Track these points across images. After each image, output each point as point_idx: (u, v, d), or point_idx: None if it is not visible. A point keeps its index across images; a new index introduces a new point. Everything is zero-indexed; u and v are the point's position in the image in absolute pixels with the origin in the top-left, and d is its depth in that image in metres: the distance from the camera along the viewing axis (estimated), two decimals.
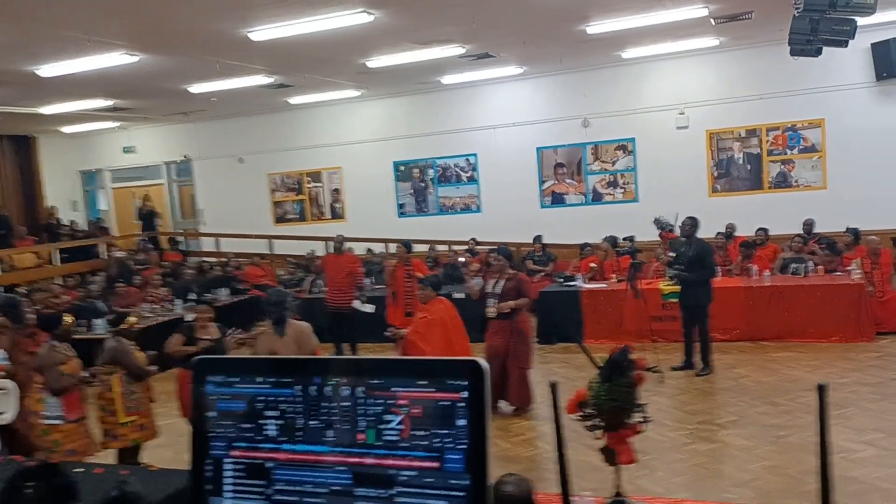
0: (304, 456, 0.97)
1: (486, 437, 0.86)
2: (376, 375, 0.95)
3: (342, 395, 0.96)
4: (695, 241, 7.87)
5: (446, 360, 0.93)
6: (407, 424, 0.92)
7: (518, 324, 6.84)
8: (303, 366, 1.00)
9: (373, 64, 10.56)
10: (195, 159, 16.47)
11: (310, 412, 0.97)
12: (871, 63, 11.41)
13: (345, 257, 9.78)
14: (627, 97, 12.90)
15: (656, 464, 5.44)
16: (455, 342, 5.89)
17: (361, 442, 0.95)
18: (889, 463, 5.11)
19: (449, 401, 0.90)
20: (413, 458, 0.91)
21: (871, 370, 7.36)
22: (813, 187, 12.03)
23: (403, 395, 0.93)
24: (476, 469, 0.88)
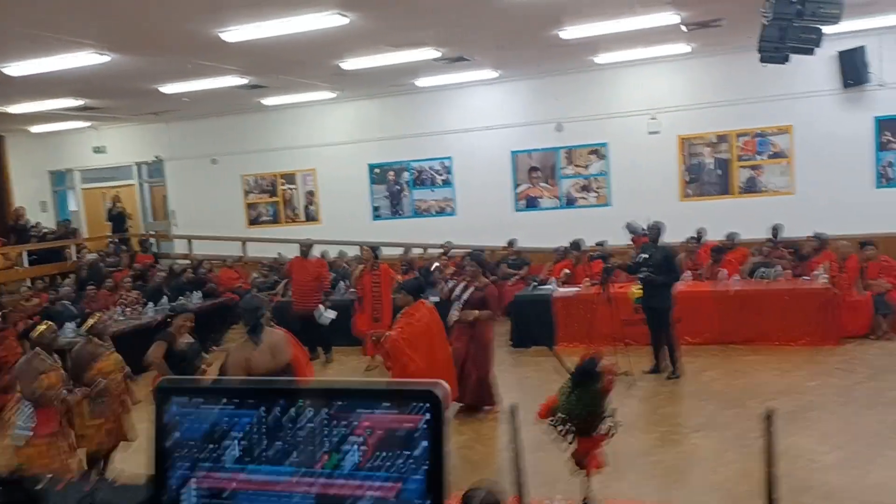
0: (266, 479, 0.97)
1: (446, 461, 0.88)
2: (339, 399, 0.96)
3: (304, 419, 0.97)
4: (660, 246, 7.99)
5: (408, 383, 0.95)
6: (368, 449, 0.93)
7: (479, 332, 6.88)
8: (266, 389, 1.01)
9: (347, 66, 10.54)
10: (167, 160, 16.28)
11: (273, 435, 0.98)
12: (838, 71, 11.63)
13: (312, 262, 9.73)
14: (600, 102, 13.01)
15: (626, 469, 5.49)
16: (437, 349, 5.89)
17: (323, 466, 0.95)
18: (853, 467, 5.21)
19: (411, 424, 0.92)
20: (373, 482, 0.92)
21: (837, 374, 7.51)
22: (781, 192, 12.23)
23: (366, 419, 0.94)
24: (436, 492, 0.89)
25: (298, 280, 9.65)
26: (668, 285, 7.95)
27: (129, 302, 10.61)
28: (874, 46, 11.38)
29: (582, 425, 3.90)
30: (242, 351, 4.92)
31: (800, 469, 5.26)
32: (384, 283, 9.26)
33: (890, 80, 11.46)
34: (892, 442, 5.59)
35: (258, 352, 4.80)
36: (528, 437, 6.38)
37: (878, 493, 4.79)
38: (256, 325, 4.89)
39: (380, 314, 9.20)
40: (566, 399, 3.89)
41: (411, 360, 5.69)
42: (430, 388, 0.92)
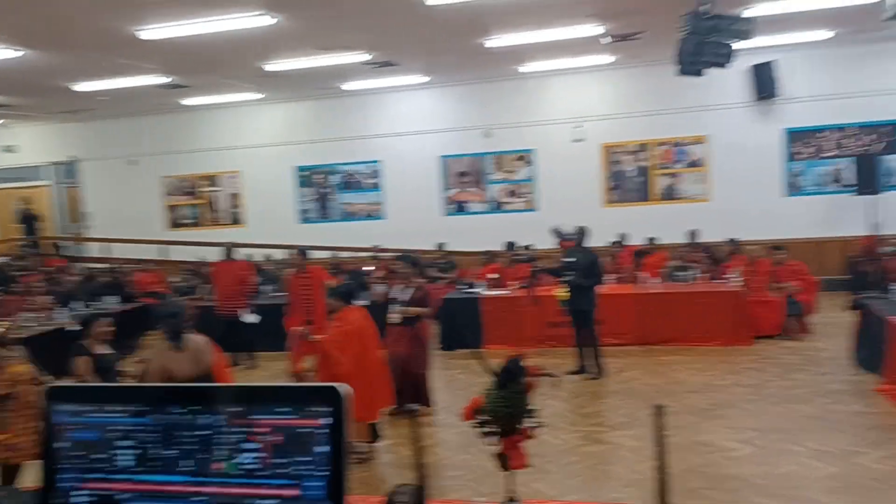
0: (158, 487, 0.94)
1: (346, 463, 0.87)
2: (235, 403, 0.93)
3: (200, 423, 0.94)
4: (584, 250, 8.19)
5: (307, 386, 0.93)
6: (267, 452, 0.91)
7: (417, 330, 6.98)
8: (159, 393, 0.97)
9: (274, 67, 10.39)
10: (83, 160, 15.64)
11: (166, 441, 0.95)
12: (750, 84, 12.21)
13: (236, 264, 9.53)
14: (528, 109, 13.25)
15: (550, 467, 5.59)
16: (369, 353, 5.85)
17: (219, 471, 0.93)
18: (764, 460, 5.45)
19: (310, 427, 0.90)
20: (272, 486, 0.91)
21: (749, 372, 7.85)
22: (697, 199, 12.73)
23: (263, 422, 0.92)
24: (336, 494, 0.88)
25: (222, 283, 9.42)
26: (591, 287, 8.15)
27: (39, 307, 10.11)
28: (784, 61, 12.00)
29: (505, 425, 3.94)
30: (163, 357, 4.75)
31: (714, 462, 5.48)
32: (315, 285, 9.15)
33: (799, 94, 12.11)
34: (799, 436, 5.88)
35: (180, 358, 4.65)
36: (455, 437, 6.44)
37: (786, 483, 5.03)
38: (177, 331, 4.73)
39: (312, 316, 9.10)
40: (490, 400, 3.92)
41: (338, 363, 5.63)
42: (331, 389, 0.90)
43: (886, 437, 5.73)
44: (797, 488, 4.94)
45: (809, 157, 12.30)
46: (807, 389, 7.10)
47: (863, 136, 12.03)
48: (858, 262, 11.09)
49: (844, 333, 8.60)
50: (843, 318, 9.02)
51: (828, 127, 12.14)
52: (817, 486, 4.95)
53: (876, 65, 11.78)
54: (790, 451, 5.60)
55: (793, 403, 6.70)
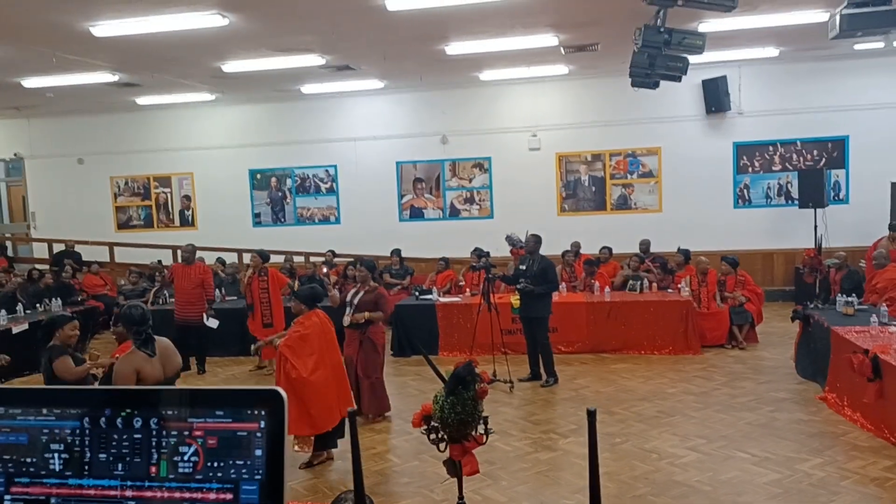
0: (90, 491, 0.91)
1: (283, 467, 0.86)
2: (170, 406, 0.91)
3: (134, 426, 0.91)
4: (538, 257, 8.25)
5: (244, 389, 0.92)
6: (202, 456, 0.89)
7: (370, 334, 6.96)
8: (92, 397, 0.94)
9: (228, 68, 10.23)
10: (28, 158, 15.15)
11: (98, 445, 0.92)
12: (702, 98, 12.50)
13: (195, 268, 9.35)
14: (484, 117, 13.32)
15: (501, 473, 5.60)
16: (328, 357, 5.78)
17: (153, 475, 0.91)
18: (710, 467, 5.55)
19: (246, 431, 0.89)
20: (207, 490, 0.89)
21: (696, 380, 8.00)
22: (650, 210, 12.96)
23: (199, 426, 0.90)
24: (272, 499, 0.87)
25: (181, 288, 9.23)
26: (545, 295, 8.21)
27: None
28: (734, 77, 12.32)
29: (455, 431, 3.93)
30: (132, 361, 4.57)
31: (662, 469, 5.56)
32: (273, 287, 9.09)
33: (748, 109, 12.44)
34: (743, 443, 6.01)
35: (153, 362, 4.50)
36: (406, 444, 6.41)
37: (730, 489, 5.13)
38: (148, 336, 4.55)
39: (270, 319, 9.04)
40: (439, 406, 3.91)
41: (293, 367, 5.58)
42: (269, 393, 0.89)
43: (827, 445, 5.89)
44: (740, 494, 5.04)
45: (757, 170, 12.63)
46: (752, 398, 7.26)
47: (808, 151, 12.41)
48: (804, 274, 11.42)
49: (789, 343, 8.84)
50: (789, 328, 9.27)
51: (775, 141, 12.49)
52: (759, 492, 5.06)
53: (822, 82, 12.17)
54: (734, 457, 5.72)
55: (738, 411, 6.84)
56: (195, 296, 9.14)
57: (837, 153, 12.33)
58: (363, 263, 7.31)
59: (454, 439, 4.10)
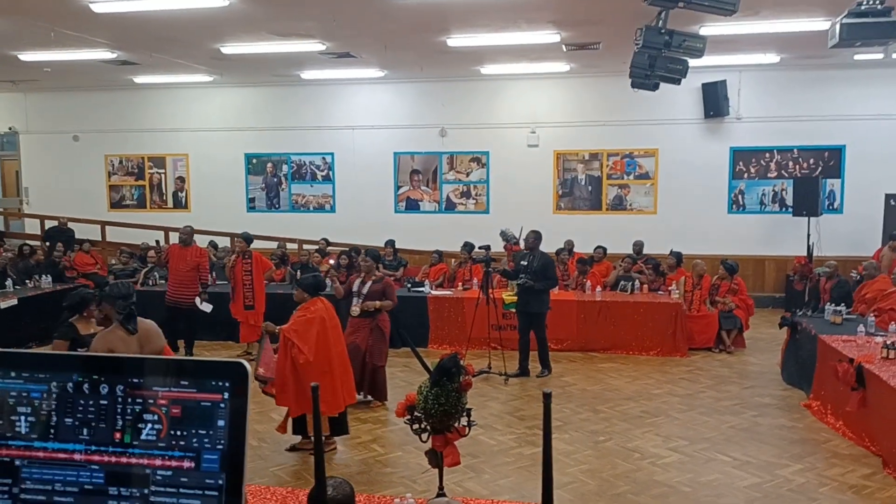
0: (55, 454, 0.92)
1: (245, 438, 0.86)
2: (136, 374, 0.92)
3: (100, 392, 0.92)
4: (538, 254, 8.30)
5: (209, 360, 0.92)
6: (165, 424, 0.90)
7: (378, 322, 7.12)
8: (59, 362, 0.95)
9: (228, 50, 10.18)
10: (22, 133, 15.07)
11: (65, 410, 0.93)
12: (701, 101, 12.50)
13: (191, 250, 9.33)
14: (484, 111, 13.29)
15: (484, 466, 5.62)
16: (332, 344, 5.78)
17: (118, 441, 0.91)
18: (691, 468, 5.58)
19: (209, 402, 0.89)
20: (169, 457, 0.90)
21: (682, 383, 8.03)
22: (645, 211, 12.98)
23: (164, 394, 0.90)
24: (232, 468, 0.88)
25: (175, 269, 9.22)
26: (545, 291, 8.30)
27: None
28: (734, 81, 12.33)
29: (437, 423, 3.95)
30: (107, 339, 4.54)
31: (643, 468, 5.59)
32: (256, 271, 9.09)
33: (746, 114, 12.45)
34: (725, 447, 6.04)
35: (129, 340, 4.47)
36: (390, 434, 6.42)
37: (710, 491, 5.16)
38: (130, 313, 4.52)
39: (252, 301, 9.05)
40: (423, 397, 3.92)
41: (300, 353, 5.57)
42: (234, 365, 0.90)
43: (808, 451, 5.93)
44: (720, 496, 5.07)
45: (752, 176, 12.65)
46: (736, 402, 7.30)
47: (805, 159, 12.44)
48: (794, 282, 11.46)
49: (776, 349, 8.88)
50: (776, 335, 9.31)
51: (771, 148, 12.51)
52: (739, 495, 5.09)
53: (821, 91, 12.19)
54: (716, 460, 5.75)
55: (722, 415, 6.88)
56: (189, 278, 9.11)
57: (833, 162, 12.36)
58: (368, 254, 7.46)
59: (437, 430, 4.12)
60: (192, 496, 0.89)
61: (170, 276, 9.41)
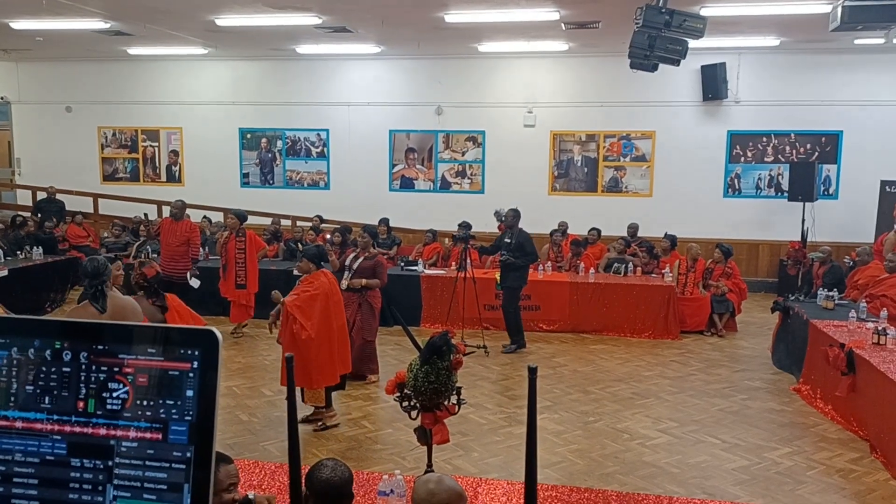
0: (15, 423, 0.88)
1: (215, 409, 0.83)
2: (102, 341, 0.88)
3: (63, 359, 0.88)
4: (517, 231, 8.47)
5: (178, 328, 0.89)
6: (131, 393, 0.86)
7: (368, 298, 7.17)
8: (21, 326, 0.91)
9: (222, 22, 10.04)
10: (14, 102, 14.89)
11: (26, 376, 0.89)
12: (699, 84, 12.41)
13: (182, 224, 9.26)
14: (480, 90, 13.18)
15: (473, 445, 5.63)
16: (333, 318, 5.79)
17: (81, 410, 0.88)
18: (679, 450, 5.60)
19: (178, 370, 0.86)
20: (135, 428, 0.87)
21: (673, 365, 8.05)
22: (640, 194, 12.93)
23: (130, 362, 0.87)
24: (200, 440, 0.85)
25: (166, 243, 9.16)
26: (524, 267, 8.50)
27: None
28: (733, 64, 12.23)
29: (427, 400, 3.93)
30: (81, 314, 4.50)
31: (632, 449, 5.60)
32: (249, 249, 9.03)
33: (744, 98, 12.37)
34: (714, 429, 6.06)
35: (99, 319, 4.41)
36: (381, 411, 6.42)
37: (697, 472, 5.18)
38: (97, 291, 4.46)
39: (244, 280, 9.00)
40: (413, 375, 3.90)
41: (302, 328, 5.56)
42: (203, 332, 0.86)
43: (796, 435, 5.96)
44: (707, 478, 5.09)
45: (749, 160, 12.61)
46: (726, 385, 7.32)
47: (801, 143, 12.39)
48: (787, 266, 11.47)
49: (768, 333, 8.90)
50: (768, 319, 9.33)
51: (769, 132, 12.46)
52: (726, 477, 5.11)
53: (820, 75, 12.11)
54: (704, 442, 5.77)
55: (712, 397, 6.90)
56: (180, 253, 9.06)
57: (830, 147, 12.33)
58: (366, 230, 7.50)
59: (426, 408, 4.11)
60: (159, 469, 0.86)
61: (161, 250, 9.36)
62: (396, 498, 3.79)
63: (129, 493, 0.86)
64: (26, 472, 0.88)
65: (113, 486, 0.86)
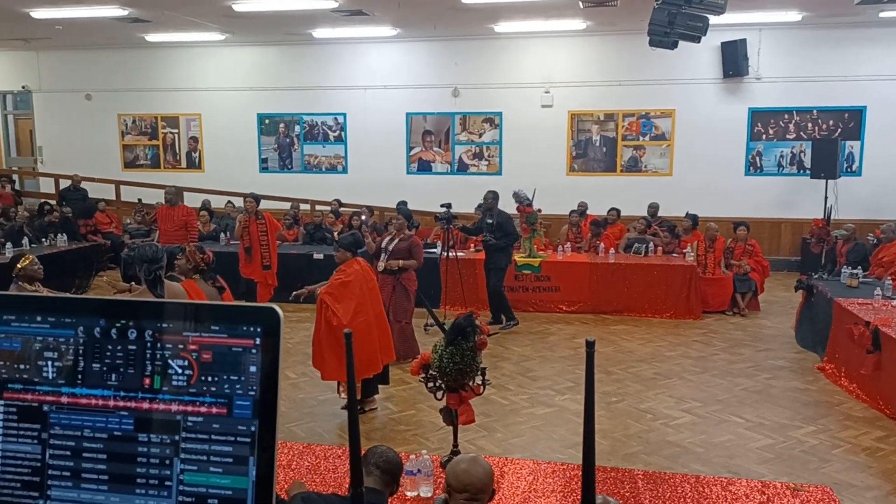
0: (83, 400, 0.92)
1: (277, 384, 0.86)
2: (166, 319, 0.91)
3: (129, 338, 0.91)
4: (496, 212, 8.68)
5: (241, 305, 0.91)
6: (196, 370, 0.89)
7: (403, 280, 7.20)
8: (87, 306, 0.94)
9: (240, 7, 10.05)
10: (36, 91, 15.03)
11: (92, 355, 0.93)
12: (719, 61, 12.26)
13: (178, 210, 9.38)
14: (497, 71, 13.11)
15: (496, 426, 5.67)
16: (369, 305, 5.73)
17: (147, 387, 0.91)
18: (703, 429, 5.61)
19: (241, 347, 0.89)
20: (200, 403, 0.90)
21: (695, 345, 8.03)
22: (660, 173, 12.84)
23: (194, 339, 0.90)
24: (265, 415, 0.87)
25: (164, 229, 9.29)
26: (508, 246, 8.75)
27: None
28: (754, 40, 12.06)
29: (452, 381, 3.97)
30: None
31: (655, 429, 5.62)
32: (270, 230, 9.13)
33: (765, 75, 12.20)
34: (738, 408, 6.05)
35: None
36: (404, 393, 6.48)
37: (722, 452, 5.19)
38: (156, 278, 4.47)
39: (269, 261, 9.09)
40: (438, 356, 3.94)
41: (334, 314, 5.52)
42: (265, 310, 0.89)
43: (821, 413, 5.94)
44: (731, 457, 5.10)
45: (771, 138, 12.46)
46: (749, 364, 7.30)
47: (824, 120, 12.22)
48: (810, 244, 11.36)
49: (791, 313, 8.84)
50: (791, 298, 9.27)
51: (790, 109, 12.29)
52: (751, 456, 5.11)
53: (843, 50, 11.90)
54: (728, 421, 5.77)
55: (735, 377, 6.88)
56: (178, 237, 9.14)
57: (854, 124, 12.14)
58: (400, 212, 7.50)
59: (451, 388, 4.15)
60: (224, 442, 0.89)
61: (161, 237, 9.47)
62: (423, 477, 3.84)
63: (195, 467, 0.89)
64: (95, 447, 0.92)
65: (180, 459, 0.90)
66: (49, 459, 0.93)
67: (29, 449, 0.93)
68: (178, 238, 9.13)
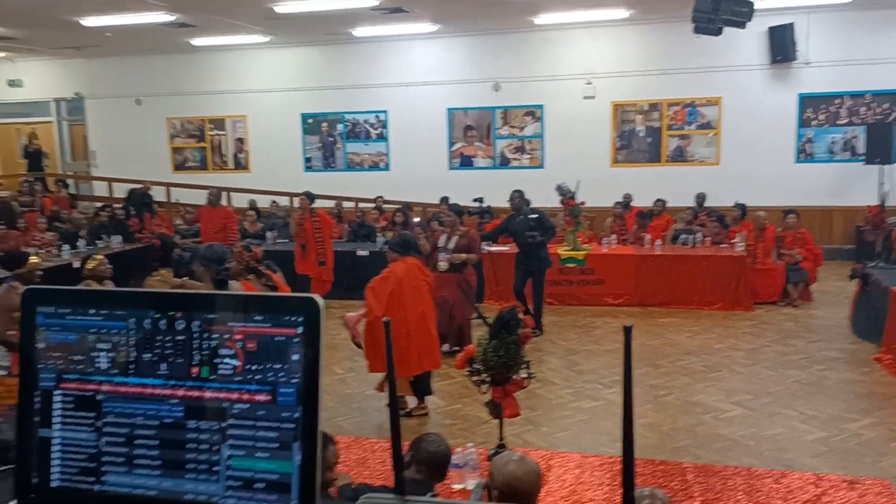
0: (135, 389, 0.96)
1: (319, 371, 0.89)
2: (212, 310, 0.95)
3: (177, 328, 0.96)
4: (527, 211, 8.21)
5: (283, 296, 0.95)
6: (241, 358, 0.93)
7: (465, 276, 7.25)
8: (137, 299, 0.99)
9: (281, 9, 10.20)
10: (88, 98, 15.52)
11: (143, 345, 0.98)
12: (767, 46, 11.96)
13: (219, 211, 9.59)
14: (538, 64, 13.03)
15: (542, 419, 5.66)
16: (410, 304, 5.67)
17: (195, 376, 0.96)
18: (753, 422, 5.50)
19: (284, 336, 0.92)
20: (246, 391, 0.93)
21: (746, 337, 7.87)
22: (707, 162, 12.60)
23: (239, 329, 0.94)
24: (308, 401, 0.91)
25: (205, 231, 9.53)
26: (545, 244, 8.24)
27: (43, 243, 10.16)
28: (802, 25, 11.73)
29: (498, 375, 3.98)
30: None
31: (705, 422, 5.53)
32: (325, 227, 9.27)
33: (815, 59, 11.87)
34: (789, 401, 5.91)
35: None
36: (449, 387, 6.50)
37: (773, 445, 5.08)
38: (223, 280, 4.55)
39: (324, 257, 9.24)
40: (483, 349, 3.95)
41: (370, 308, 5.54)
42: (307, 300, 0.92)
43: (877, 405, 5.76)
44: (783, 451, 4.99)
45: (822, 123, 12.11)
46: (802, 356, 7.12)
47: (877, 104, 11.82)
48: (865, 232, 11.02)
49: (845, 302, 8.59)
50: (844, 288, 9.00)
51: (842, 93, 11.92)
52: (803, 450, 4.99)
53: (894, 32, 11.50)
54: (780, 414, 5.64)
55: (787, 369, 6.72)
56: (217, 239, 9.28)
57: None
58: (451, 208, 7.51)
59: (496, 382, 4.16)
60: (269, 428, 0.92)
61: (202, 237, 9.69)
62: (470, 470, 3.86)
63: (243, 452, 0.93)
64: (147, 434, 0.97)
65: (228, 445, 0.94)
66: (104, 446, 0.98)
67: (85, 436, 0.98)
68: (218, 239, 9.31)
